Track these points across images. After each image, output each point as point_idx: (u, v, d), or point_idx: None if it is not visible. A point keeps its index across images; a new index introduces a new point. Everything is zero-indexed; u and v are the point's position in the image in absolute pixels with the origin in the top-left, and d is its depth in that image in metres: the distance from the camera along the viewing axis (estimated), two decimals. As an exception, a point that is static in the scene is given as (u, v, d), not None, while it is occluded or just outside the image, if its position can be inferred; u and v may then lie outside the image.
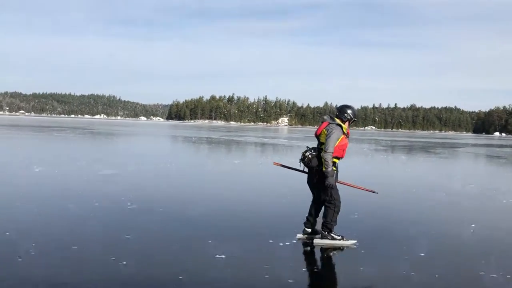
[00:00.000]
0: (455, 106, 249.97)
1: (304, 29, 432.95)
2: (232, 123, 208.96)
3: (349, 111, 5.84)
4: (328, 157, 5.54)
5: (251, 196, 9.77)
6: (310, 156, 5.72)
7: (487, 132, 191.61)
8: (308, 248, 5.76)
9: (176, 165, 15.97)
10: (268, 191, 10.41)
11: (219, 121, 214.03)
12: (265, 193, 10.18)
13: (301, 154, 5.85)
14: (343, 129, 5.73)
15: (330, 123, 5.75)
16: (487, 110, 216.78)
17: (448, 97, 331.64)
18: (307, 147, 5.94)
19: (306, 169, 5.93)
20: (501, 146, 53.88)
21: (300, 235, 6.00)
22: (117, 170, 12.64)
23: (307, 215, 5.99)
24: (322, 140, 5.73)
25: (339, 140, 5.66)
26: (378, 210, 8.09)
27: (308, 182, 5.96)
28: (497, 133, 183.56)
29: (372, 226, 6.95)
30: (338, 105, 6.13)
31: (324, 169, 5.57)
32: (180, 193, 9.79)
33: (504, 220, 8.21)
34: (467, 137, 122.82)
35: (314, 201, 6.00)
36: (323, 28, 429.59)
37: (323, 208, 5.92)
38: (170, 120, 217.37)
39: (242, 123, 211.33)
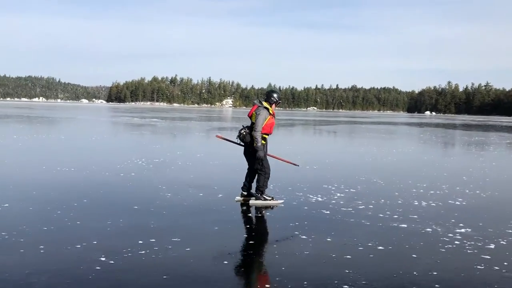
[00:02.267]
0: (393, 87, 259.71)
1: (249, 9, 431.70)
2: (175, 105, 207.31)
3: (274, 95, 6.97)
4: (257, 135, 6.67)
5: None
6: (244, 133, 6.82)
7: (419, 111, 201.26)
8: (244, 208, 6.82)
9: None
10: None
11: (161, 103, 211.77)
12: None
13: (238, 132, 6.94)
14: (269, 111, 6.84)
15: (258, 106, 6.83)
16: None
17: (387, 78, 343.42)
18: (242, 126, 7.01)
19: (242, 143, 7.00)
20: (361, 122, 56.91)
21: (238, 198, 7.13)
22: None
23: (244, 181, 7.11)
24: (254, 120, 6.80)
25: (266, 120, 6.77)
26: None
27: (244, 153, 7.04)
28: (428, 112, 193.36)
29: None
30: (267, 90, 7.28)
31: (254, 144, 6.71)
32: None
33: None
34: (395, 115, 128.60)
35: (249, 169, 7.09)
36: (268, 9, 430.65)
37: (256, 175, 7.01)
38: (110, 103, 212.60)
39: (186, 105, 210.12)
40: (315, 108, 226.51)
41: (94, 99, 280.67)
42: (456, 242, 5.30)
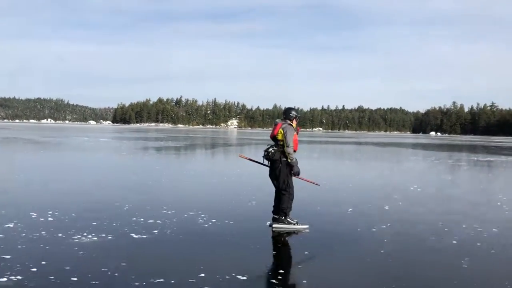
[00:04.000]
0: (400, 107, 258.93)
1: (254, 32, 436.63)
2: (180, 126, 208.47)
3: (293, 112, 6.99)
4: (290, 150, 6.67)
5: None
6: (273, 151, 6.79)
7: (424, 132, 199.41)
8: (272, 233, 6.60)
9: None
10: None
11: (166, 124, 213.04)
12: None
13: (264, 151, 6.88)
14: (293, 127, 6.90)
15: (283, 124, 6.85)
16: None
17: (394, 98, 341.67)
18: (268, 144, 6.99)
19: (267, 163, 6.95)
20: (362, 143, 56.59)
21: (270, 222, 6.92)
22: None
23: (273, 204, 6.94)
24: (280, 138, 6.76)
25: (293, 136, 6.78)
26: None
27: (270, 175, 6.96)
28: (432, 133, 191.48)
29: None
30: (284, 108, 7.25)
31: (289, 160, 6.69)
32: None
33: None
34: (402, 136, 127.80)
35: (276, 191, 6.94)
36: (274, 31, 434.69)
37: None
38: (115, 124, 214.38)
39: (191, 126, 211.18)
40: (320, 129, 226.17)
41: (101, 121, 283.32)
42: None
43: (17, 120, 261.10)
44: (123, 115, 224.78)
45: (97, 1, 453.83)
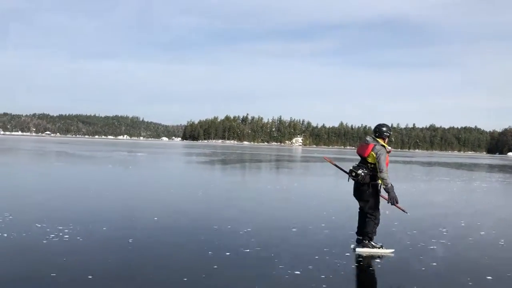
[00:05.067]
0: (475, 126, 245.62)
1: (321, 50, 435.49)
2: (245, 142, 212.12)
3: (385, 129, 6.47)
4: (385, 175, 6.21)
5: None
6: (363, 174, 6.29)
7: (501, 152, 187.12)
8: (354, 256, 6.23)
9: None
10: None
11: (232, 141, 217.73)
12: None
13: (351, 170, 6.39)
14: (385, 148, 6.40)
15: (375, 145, 6.33)
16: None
17: (468, 116, 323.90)
18: (354, 165, 6.49)
19: (352, 182, 6.55)
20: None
21: (354, 245, 6.55)
22: None
23: (357, 225, 6.61)
24: (371, 161, 6.33)
25: (386, 159, 6.33)
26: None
27: (355, 195, 6.58)
28: (510, 153, 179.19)
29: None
30: (374, 126, 6.65)
31: (384, 186, 6.26)
32: None
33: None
34: (478, 157, 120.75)
35: (361, 211, 6.57)
36: (340, 49, 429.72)
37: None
38: (184, 141, 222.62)
39: (255, 143, 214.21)
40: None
41: (173, 137, 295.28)
42: None
43: (96, 136, 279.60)
44: (192, 132, 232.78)
45: (170, 21, 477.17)
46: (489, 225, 8.90)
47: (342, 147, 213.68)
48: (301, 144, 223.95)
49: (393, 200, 6.27)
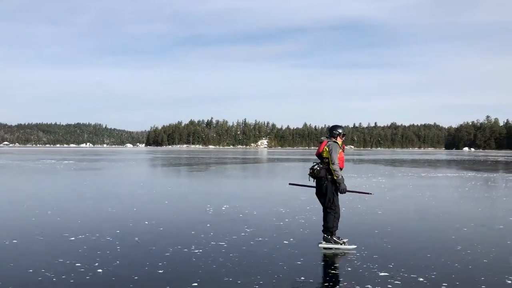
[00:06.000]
0: (434, 123, 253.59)
1: (286, 53, 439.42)
2: (211, 147, 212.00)
3: (338, 129, 6.88)
4: (336, 167, 6.54)
5: None
6: (318, 168, 6.66)
7: (457, 148, 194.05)
8: (318, 252, 6.39)
9: None
10: None
11: (197, 145, 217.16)
12: None
13: (310, 168, 6.78)
14: (339, 144, 6.79)
15: (328, 141, 6.76)
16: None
17: (428, 114, 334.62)
18: (314, 162, 6.91)
19: (313, 183, 6.87)
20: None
21: (322, 243, 6.74)
22: None
23: (323, 223, 6.79)
24: (325, 155, 6.66)
25: (338, 153, 6.66)
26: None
27: (316, 193, 6.84)
28: (466, 148, 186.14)
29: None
30: (330, 126, 7.11)
31: (335, 177, 6.56)
32: None
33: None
34: (436, 153, 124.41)
35: (324, 210, 6.80)
36: (304, 51, 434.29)
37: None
38: (148, 147, 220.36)
39: (221, 147, 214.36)
40: (352, 146, 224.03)
41: (138, 144, 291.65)
42: None
43: (58, 145, 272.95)
44: (155, 138, 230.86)
45: (134, 27, 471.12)
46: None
47: (307, 147, 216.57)
48: (266, 146, 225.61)
49: (343, 191, 6.62)
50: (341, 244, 6.55)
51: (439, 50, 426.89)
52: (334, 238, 6.59)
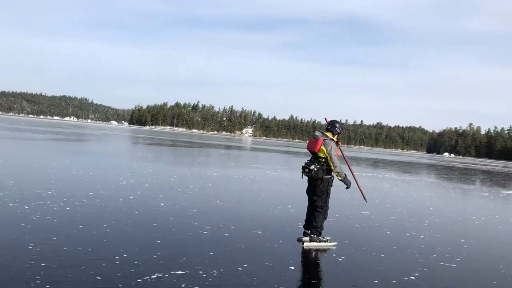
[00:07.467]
0: (419, 126, 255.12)
1: (281, 44, 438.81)
2: (195, 130, 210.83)
3: (338, 126, 6.78)
4: (339, 169, 6.53)
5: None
6: (315, 169, 6.53)
7: (438, 152, 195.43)
8: (301, 249, 6.48)
9: None
10: None
11: (180, 128, 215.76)
12: None
13: (304, 167, 6.63)
14: (334, 141, 6.68)
15: (324, 139, 6.56)
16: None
17: (415, 117, 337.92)
18: (306, 161, 6.76)
19: (305, 179, 6.88)
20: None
21: (300, 237, 6.84)
22: None
23: (305, 219, 6.86)
24: (322, 155, 6.54)
25: (336, 154, 6.60)
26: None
27: (309, 192, 6.78)
28: (446, 154, 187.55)
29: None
30: (329, 120, 6.92)
31: (340, 178, 6.57)
32: None
33: None
34: (416, 155, 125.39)
35: (309, 206, 6.82)
36: (297, 43, 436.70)
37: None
38: (131, 125, 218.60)
39: (205, 132, 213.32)
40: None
41: (123, 121, 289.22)
42: None
43: (41, 116, 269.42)
44: (139, 117, 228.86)
45: (130, 2, 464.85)
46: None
47: (291, 139, 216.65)
48: (251, 134, 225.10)
49: (350, 186, 6.72)
50: (325, 242, 6.62)
51: (434, 55, 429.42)
52: (321, 238, 6.62)
